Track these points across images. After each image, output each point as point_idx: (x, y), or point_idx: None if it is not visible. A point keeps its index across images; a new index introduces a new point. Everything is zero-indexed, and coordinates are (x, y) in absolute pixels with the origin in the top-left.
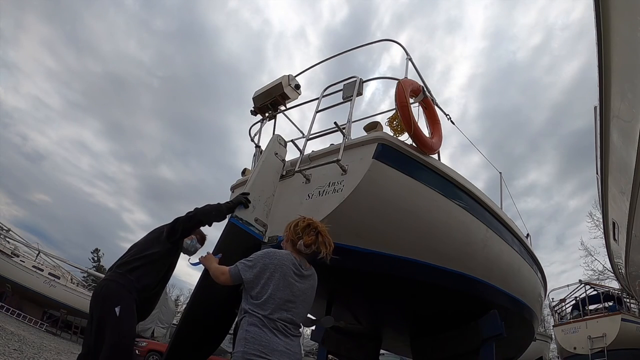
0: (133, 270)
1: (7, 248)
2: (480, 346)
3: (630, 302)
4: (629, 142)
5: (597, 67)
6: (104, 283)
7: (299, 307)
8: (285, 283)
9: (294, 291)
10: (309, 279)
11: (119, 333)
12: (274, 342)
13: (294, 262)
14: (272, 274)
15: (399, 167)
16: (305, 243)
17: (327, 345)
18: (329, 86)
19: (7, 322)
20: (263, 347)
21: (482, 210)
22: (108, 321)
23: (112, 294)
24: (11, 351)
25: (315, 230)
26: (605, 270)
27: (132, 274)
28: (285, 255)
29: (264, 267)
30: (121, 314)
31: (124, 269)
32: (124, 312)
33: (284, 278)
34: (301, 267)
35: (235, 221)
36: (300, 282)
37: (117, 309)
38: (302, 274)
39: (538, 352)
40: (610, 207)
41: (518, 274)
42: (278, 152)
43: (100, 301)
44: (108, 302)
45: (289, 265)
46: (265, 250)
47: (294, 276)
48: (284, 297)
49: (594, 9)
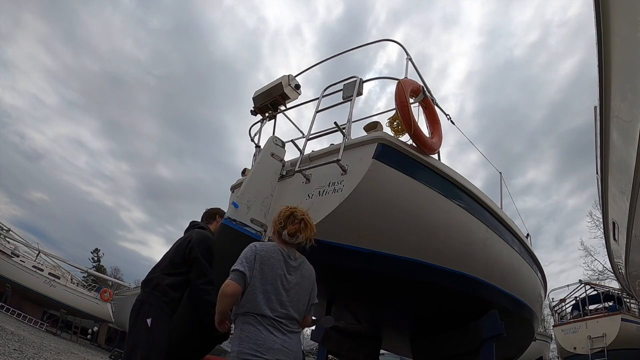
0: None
1: (7, 248)
2: (480, 346)
3: (630, 302)
4: (629, 142)
5: (597, 67)
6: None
7: (293, 299)
8: (274, 276)
9: (284, 284)
10: (300, 269)
11: (149, 345)
12: (269, 340)
13: (282, 252)
14: (262, 266)
15: (399, 167)
16: (289, 232)
17: (327, 345)
18: (329, 86)
19: (7, 322)
20: (258, 346)
21: (482, 210)
22: (140, 333)
23: (144, 308)
24: (11, 351)
25: (298, 218)
26: (605, 270)
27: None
28: (272, 247)
29: (253, 261)
30: (153, 326)
31: (148, 287)
32: (156, 324)
33: (272, 270)
34: (290, 258)
35: (228, 222)
36: (291, 273)
37: (148, 321)
38: (291, 265)
39: (538, 352)
40: (610, 207)
41: (518, 274)
42: (275, 153)
43: (133, 314)
44: (141, 314)
45: (277, 257)
46: (250, 245)
47: (283, 268)
48: (275, 291)
49: (594, 8)
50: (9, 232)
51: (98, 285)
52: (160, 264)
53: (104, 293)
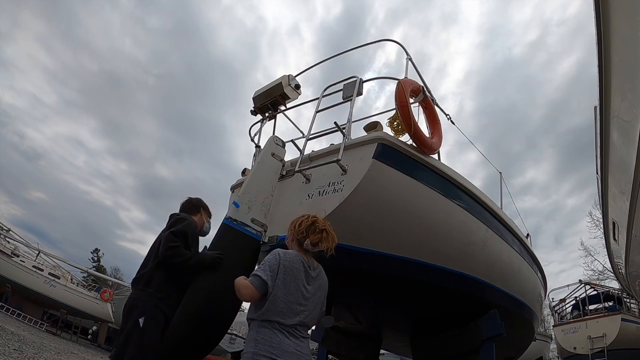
0: (148, 283)
1: (7, 248)
2: (480, 346)
3: (630, 302)
4: (629, 142)
5: (597, 67)
6: (129, 300)
7: (310, 309)
8: (296, 286)
9: (304, 294)
10: (318, 279)
11: (139, 346)
12: (284, 344)
13: (303, 263)
14: (285, 277)
15: (399, 167)
16: (312, 242)
17: (327, 345)
18: (328, 86)
19: (7, 322)
20: (273, 349)
21: (482, 210)
22: (131, 333)
23: (137, 306)
24: (11, 351)
25: (321, 227)
26: (605, 270)
27: (149, 286)
28: (295, 257)
29: (276, 270)
30: (145, 326)
31: (140, 285)
32: (148, 324)
33: (294, 280)
34: (310, 268)
35: (229, 222)
36: (310, 284)
37: (141, 320)
38: (311, 275)
39: (538, 352)
40: (610, 207)
41: (518, 274)
42: (275, 153)
43: (125, 312)
44: (133, 313)
45: (299, 268)
46: (274, 252)
47: (304, 279)
48: (296, 301)
49: (594, 8)
50: (9, 232)
51: (98, 285)
52: (148, 259)
53: (104, 293)
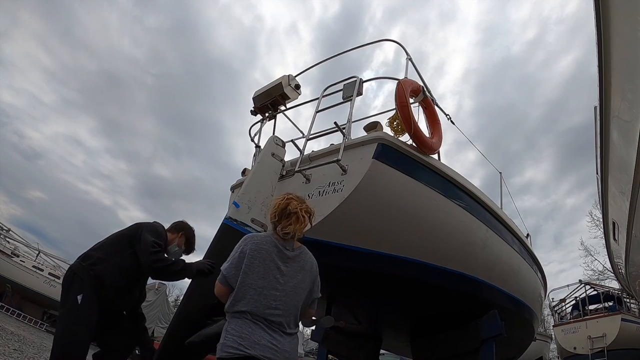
0: (95, 264)
1: (7, 248)
2: (480, 346)
3: (630, 302)
4: (629, 142)
5: (597, 67)
6: (70, 272)
7: (290, 293)
8: (266, 269)
9: (278, 277)
10: (298, 260)
11: (77, 319)
12: (256, 335)
13: (276, 243)
14: (252, 261)
15: (399, 167)
16: (283, 231)
17: (327, 345)
18: (328, 86)
19: (7, 322)
20: (242, 339)
21: (482, 210)
22: (70, 308)
23: (76, 282)
24: (11, 351)
25: (292, 210)
26: (605, 270)
27: (94, 268)
28: (264, 238)
29: (241, 256)
30: (82, 303)
31: (87, 262)
32: (85, 301)
33: (263, 263)
34: (285, 248)
35: (229, 222)
36: (287, 265)
37: (79, 297)
38: (287, 255)
39: (538, 352)
40: (610, 206)
41: (518, 274)
42: (275, 153)
43: (65, 286)
44: (72, 289)
45: (268, 249)
46: (242, 238)
47: (276, 260)
48: (269, 285)
49: (594, 8)
50: (9, 232)
51: None
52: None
53: None
